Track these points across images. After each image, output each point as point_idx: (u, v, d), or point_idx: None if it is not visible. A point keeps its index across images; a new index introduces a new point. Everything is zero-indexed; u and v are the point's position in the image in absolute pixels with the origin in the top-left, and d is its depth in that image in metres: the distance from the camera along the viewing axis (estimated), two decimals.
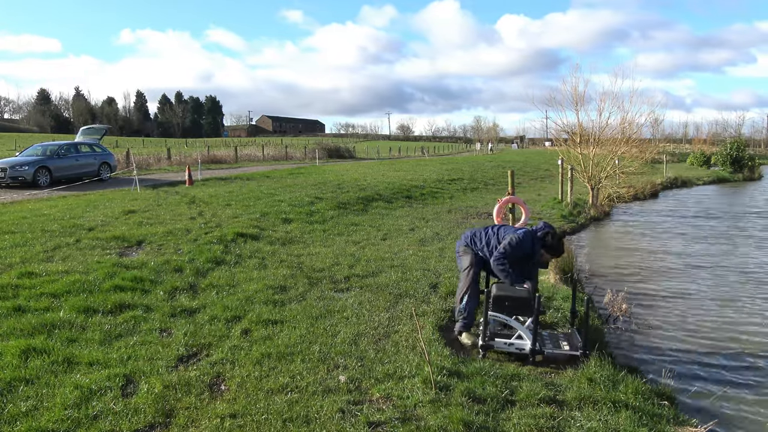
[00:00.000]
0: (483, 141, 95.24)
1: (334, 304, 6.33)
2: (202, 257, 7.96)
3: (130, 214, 11.17)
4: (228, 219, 11.06)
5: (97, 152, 19.37)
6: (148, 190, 15.65)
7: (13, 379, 4.21)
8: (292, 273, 7.58)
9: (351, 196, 15.42)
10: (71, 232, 9.27)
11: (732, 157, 39.05)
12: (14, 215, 10.69)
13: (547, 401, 4.27)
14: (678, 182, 30.05)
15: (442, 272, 7.89)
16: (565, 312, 6.28)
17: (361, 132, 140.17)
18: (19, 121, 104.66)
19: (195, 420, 3.84)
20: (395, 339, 5.37)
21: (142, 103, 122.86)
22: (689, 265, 10.83)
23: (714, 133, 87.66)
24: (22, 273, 6.77)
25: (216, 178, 20.07)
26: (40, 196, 14.26)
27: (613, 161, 18.85)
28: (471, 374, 4.63)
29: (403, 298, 6.69)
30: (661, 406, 4.42)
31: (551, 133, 22.04)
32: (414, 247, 9.70)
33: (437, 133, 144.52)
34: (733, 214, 18.72)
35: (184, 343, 5.08)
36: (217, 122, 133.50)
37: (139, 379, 4.36)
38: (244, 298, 6.37)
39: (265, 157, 36.36)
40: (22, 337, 4.95)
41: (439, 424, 3.82)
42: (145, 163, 26.85)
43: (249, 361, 4.75)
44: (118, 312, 5.78)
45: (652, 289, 8.97)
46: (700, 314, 7.69)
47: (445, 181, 22.17)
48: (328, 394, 4.21)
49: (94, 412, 3.83)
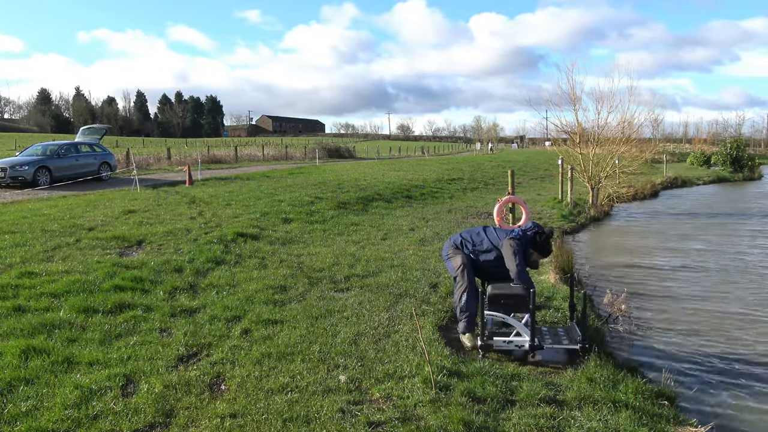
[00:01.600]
0: (483, 141, 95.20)
1: (334, 304, 6.33)
2: (202, 257, 7.97)
3: (130, 214, 11.17)
4: (228, 219, 11.06)
5: (97, 152, 19.36)
6: (148, 190, 15.65)
7: (13, 379, 4.21)
8: (292, 273, 7.58)
9: (351, 196, 15.42)
10: (71, 232, 9.27)
11: (732, 157, 39.09)
12: (14, 215, 10.69)
13: (547, 401, 4.27)
14: (678, 182, 30.06)
15: (442, 272, 7.89)
16: (565, 312, 6.28)
17: (361, 132, 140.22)
18: (19, 121, 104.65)
19: (195, 420, 3.84)
20: (395, 339, 5.37)
21: (142, 103, 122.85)
22: (689, 264, 10.83)
23: (714, 132, 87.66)
24: (22, 273, 6.77)
25: (216, 178, 20.07)
26: (40, 196, 14.26)
27: (613, 161, 18.86)
28: (471, 374, 4.63)
29: (403, 298, 6.69)
30: (661, 406, 4.42)
31: (551, 133, 22.02)
32: (414, 247, 9.70)
33: (437, 133, 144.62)
34: (733, 213, 18.71)
35: (184, 343, 5.08)
36: (217, 122, 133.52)
37: (139, 379, 4.36)
38: (244, 298, 6.37)
39: (265, 157, 36.35)
40: (22, 337, 4.95)
41: (439, 424, 3.82)
42: (145, 163, 26.85)
43: (249, 361, 4.75)
44: (118, 312, 5.78)
45: (652, 289, 8.97)
46: (701, 314, 7.70)
47: (445, 181, 22.17)
48: (328, 394, 4.21)
49: (94, 412, 3.83)
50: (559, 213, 15.55)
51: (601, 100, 18.00)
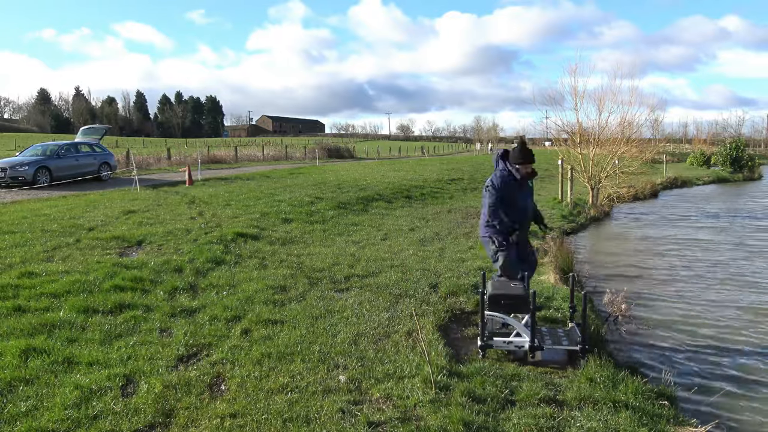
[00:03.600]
0: (483, 141, 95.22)
1: (334, 304, 6.33)
2: (202, 257, 7.96)
3: (130, 214, 11.17)
4: (228, 219, 11.06)
5: (97, 152, 19.37)
6: (148, 190, 15.65)
7: (13, 379, 4.21)
8: (292, 273, 7.58)
9: (351, 196, 15.42)
10: (71, 232, 9.27)
11: (732, 157, 39.08)
12: (14, 215, 10.69)
13: (547, 401, 4.27)
14: (678, 182, 30.06)
15: (442, 272, 7.89)
16: (565, 312, 6.28)
17: (361, 132, 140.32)
18: (19, 121, 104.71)
19: (195, 420, 3.84)
20: (395, 339, 5.37)
21: (142, 103, 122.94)
22: (689, 265, 10.83)
23: (714, 133, 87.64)
24: (22, 273, 6.77)
25: (216, 178, 20.07)
26: (40, 196, 14.26)
27: (613, 161, 18.86)
28: (471, 374, 4.63)
29: (403, 298, 6.69)
30: (661, 406, 4.41)
31: (551, 132, 22.02)
32: (414, 247, 9.70)
33: (437, 133, 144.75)
34: (733, 213, 18.72)
35: (184, 343, 5.08)
36: (217, 122, 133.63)
37: (139, 379, 4.36)
38: (244, 298, 6.37)
39: (265, 157, 36.38)
40: (22, 337, 4.95)
41: (439, 424, 3.82)
42: (145, 163, 26.86)
43: (249, 361, 4.75)
44: (118, 312, 5.78)
45: (652, 289, 8.97)
46: (701, 314, 7.69)
47: (445, 181, 22.17)
48: (328, 394, 4.21)
49: (94, 412, 3.83)
50: (559, 213, 15.55)
51: (602, 100, 18.02)
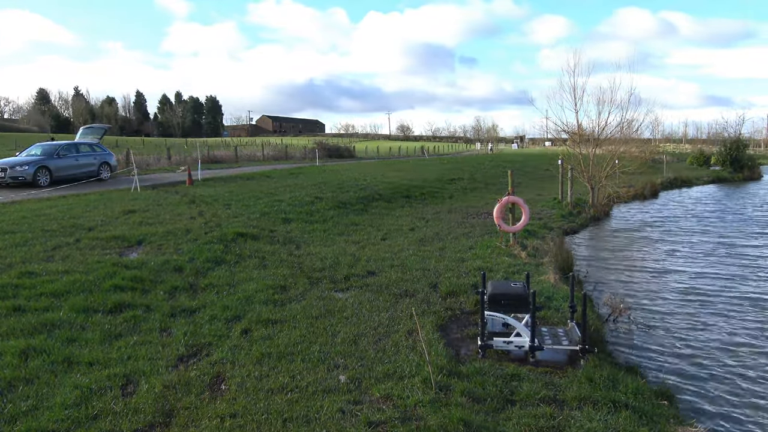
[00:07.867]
0: (483, 141, 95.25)
1: (334, 304, 6.33)
2: (202, 257, 7.96)
3: (130, 214, 11.17)
4: (228, 219, 11.06)
5: (97, 152, 19.35)
6: (148, 190, 15.65)
7: (13, 379, 4.22)
8: (292, 273, 7.57)
9: (351, 196, 15.42)
10: (71, 232, 9.27)
11: (731, 157, 39.07)
12: (14, 215, 10.69)
13: (547, 401, 4.27)
14: (678, 182, 30.08)
15: (442, 272, 7.89)
16: (565, 312, 6.28)
17: (361, 132, 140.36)
18: (19, 121, 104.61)
19: (195, 420, 3.84)
20: (395, 339, 5.37)
21: (142, 103, 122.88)
22: (689, 265, 10.83)
23: (714, 133, 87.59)
24: (22, 273, 6.76)
25: (216, 178, 20.06)
26: (40, 196, 14.25)
27: (613, 161, 18.86)
28: (471, 374, 4.63)
29: (403, 298, 6.68)
30: (660, 406, 4.42)
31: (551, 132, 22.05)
32: (414, 247, 9.69)
33: (437, 133, 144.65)
34: (733, 213, 18.71)
35: (184, 343, 5.08)
36: (217, 122, 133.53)
37: (139, 379, 4.36)
38: (244, 298, 6.37)
39: (265, 157, 36.35)
40: (22, 337, 4.95)
41: (439, 423, 3.82)
42: (145, 163, 26.84)
43: (249, 360, 4.75)
44: (118, 312, 5.78)
45: (652, 290, 8.97)
46: (700, 314, 7.69)
47: (445, 181, 22.17)
48: (328, 394, 4.21)
49: (94, 412, 3.83)
50: (559, 213, 15.54)
51: (603, 101, 18.01)
